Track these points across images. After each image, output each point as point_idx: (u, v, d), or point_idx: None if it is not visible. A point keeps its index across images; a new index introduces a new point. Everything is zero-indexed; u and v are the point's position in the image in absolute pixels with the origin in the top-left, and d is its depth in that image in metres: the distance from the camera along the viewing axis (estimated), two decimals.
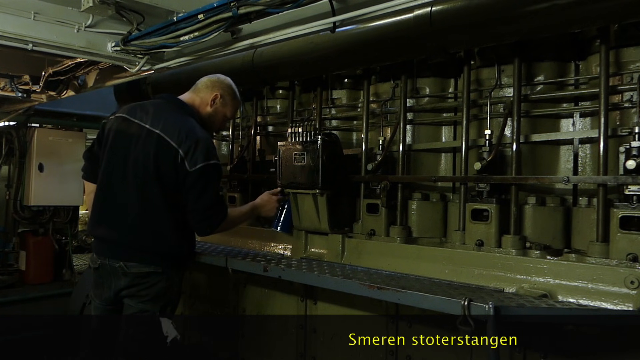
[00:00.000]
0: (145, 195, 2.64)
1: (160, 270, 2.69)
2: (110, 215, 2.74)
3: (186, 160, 2.58)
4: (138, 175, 2.65)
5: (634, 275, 2.08)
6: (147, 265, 2.67)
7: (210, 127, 2.93)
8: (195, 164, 2.58)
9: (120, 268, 2.67)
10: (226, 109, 2.92)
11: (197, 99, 2.86)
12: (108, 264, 2.71)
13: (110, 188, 2.73)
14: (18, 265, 5.90)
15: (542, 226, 2.58)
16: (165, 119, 2.68)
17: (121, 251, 2.69)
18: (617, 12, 2.15)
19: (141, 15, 2.93)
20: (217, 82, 2.90)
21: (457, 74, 3.07)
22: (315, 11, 2.47)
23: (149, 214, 2.66)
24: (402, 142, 3.00)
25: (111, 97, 4.83)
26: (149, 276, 2.68)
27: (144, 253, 2.68)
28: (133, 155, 2.66)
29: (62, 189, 5.87)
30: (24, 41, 2.93)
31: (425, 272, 2.64)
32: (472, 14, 2.42)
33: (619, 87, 2.45)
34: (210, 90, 2.87)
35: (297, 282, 2.93)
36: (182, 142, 2.60)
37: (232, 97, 2.93)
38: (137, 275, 2.68)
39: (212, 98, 2.85)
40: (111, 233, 2.72)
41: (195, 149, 2.59)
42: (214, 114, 2.89)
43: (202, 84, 2.90)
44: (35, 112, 5.58)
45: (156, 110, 2.75)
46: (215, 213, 2.73)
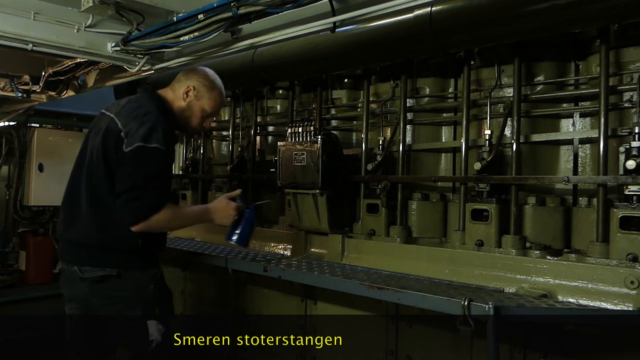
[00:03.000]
0: (92, 184, 2.40)
1: (114, 273, 2.37)
2: (69, 215, 2.50)
3: (125, 140, 2.32)
4: (91, 164, 2.42)
5: (634, 275, 2.08)
6: (102, 269, 2.36)
7: (187, 123, 2.61)
8: (131, 144, 2.30)
9: (75, 273, 2.40)
10: (203, 102, 2.58)
11: (170, 92, 2.59)
12: (66, 268, 2.46)
13: (73, 184, 2.53)
14: (18, 265, 5.90)
15: (542, 226, 2.58)
16: (125, 106, 2.47)
17: (75, 253, 2.43)
18: (617, 12, 2.15)
19: (141, 15, 2.92)
20: (192, 74, 2.61)
21: (457, 74, 3.07)
22: (315, 11, 2.47)
23: (98, 208, 2.38)
24: (402, 142, 3.00)
25: (111, 97, 4.82)
26: (105, 281, 2.37)
27: (96, 253, 2.38)
28: (91, 144, 2.46)
29: (62, 189, 5.85)
30: (24, 41, 2.93)
31: (425, 272, 2.64)
32: (472, 14, 2.42)
33: (619, 87, 2.45)
34: (183, 83, 2.58)
35: (297, 282, 2.93)
36: (128, 122, 2.36)
37: (208, 88, 2.59)
38: (93, 281, 2.38)
39: (184, 91, 2.56)
40: (69, 234, 2.47)
41: (137, 130, 2.32)
42: (188, 109, 2.57)
43: (176, 78, 2.64)
44: (35, 112, 5.59)
45: (127, 100, 2.55)
46: (141, 197, 2.30)
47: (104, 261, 2.38)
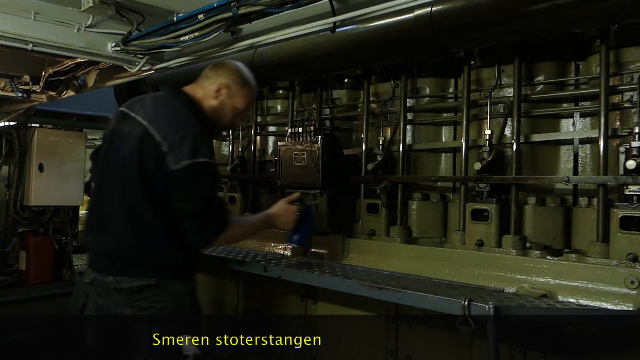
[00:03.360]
0: (132, 198, 2.28)
1: (154, 282, 2.28)
2: (101, 223, 2.39)
3: (169, 156, 2.19)
4: (125, 176, 2.30)
5: (634, 275, 2.08)
6: (140, 278, 2.28)
7: (218, 123, 2.50)
8: (179, 162, 2.18)
9: (111, 284, 2.29)
10: (235, 100, 2.46)
11: (200, 90, 2.45)
12: (100, 279, 2.34)
13: (101, 191, 2.42)
14: (18, 265, 5.89)
15: (542, 226, 2.58)
16: (155, 111, 2.34)
17: (111, 264, 2.32)
18: (617, 12, 2.15)
19: (141, 15, 2.92)
20: (222, 69, 2.47)
21: (457, 74, 3.07)
22: (315, 11, 2.47)
23: (136, 219, 2.28)
24: (402, 142, 3.00)
25: (111, 97, 4.83)
26: (143, 291, 2.28)
27: (134, 264, 2.30)
28: (122, 153, 2.32)
29: (62, 189, 5.86)
30: (24, 41, 2.93)
31: (425, 272, 2.64)
32: (472, 14, 2.42)
33: (619, 87, 2.45)
34: (213, 80, 2.44)
35: (297, 282, 2.93)
36: (167, 135, 2.21)
37: (241, 85, 2.47)
38: (130, 292, 2.28)
39: (215, 89, 2.42)
40: (101, 243, 2.38)
41: (181, 144, 2.19)
42: (220, 108, 2.45)
43: (204, 74, 2.50)
44: (35, 112, 5.59)
45: (153, 101, 2.43)
46: (211, 219, 2.30)
47: (142, 272, 2.28)
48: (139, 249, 2.29)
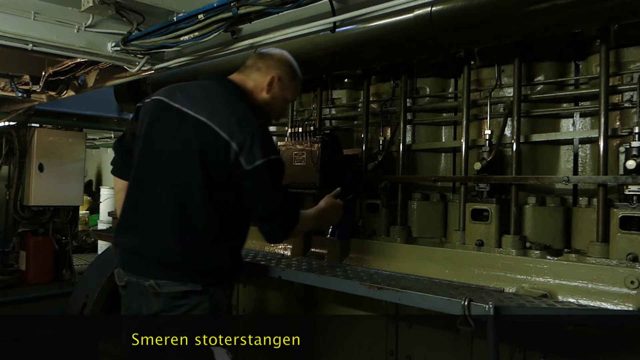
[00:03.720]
0: (185, 198, 2.15)
1: (199, 288, 2.16)
2: (140, 222, 2.24)
3: (241, 156, 2.09)
4: (177, 174, 2.16)
5: (634, 275, 2.07)
6: (184, 283, 2.15)
7: (268, 114, 2.44)
8: (253, 161, 2.09)
9: (151, 287, 2.15)
10: (286, 92, 2.40)
11: (250, 82, 2.34)
12: (136, 281, 2.21)
13: (141, 188, 2.24)
14: (18, 265, 5.90)
15: (542, 226, 2.58)
16: (212, 105, 2.20)
17: (151, 267, 2.18)
18: (617, 12, 2.14)
19: (141, 15, 2.92)
20: (272, 61, 2.37)
21: (457, 74, 3.07)
22: (315, 11, 2.47)
23: (188, 220, 2.16)
24: (402, 142, 3.00)
25: (111, 97, 4.84)
26: (186, 297, 2.15)
27: (179, 269, 2.16)
28: (171, 148, 2.18)
29: (62, 189, 5.88)
30: (24, 41, 2.93)
31: (425, 272, 2.64)
32: (472, 14, 2.42)
33: (619, 87, 2.45)
34: (264, 72, 2.34)
35: (297, 282, 2.93)
36: (235, 133, 2.10)
37: (291, 76, 2.40)
38: (171, 296, 2.15)
39: (268, 82, 2.33)
40: (140, 244, 2.22)
41: (253, 143, 2.09)
42: (272, 100, 2.36)
43: (252, 64, 2.38)
44: (35, 112, 5.60)
45: (201, 93, 2.27)
46: (288, 216, 2.28)
47: (186, 277, 2.16)
48: (186, 253, 2.17)
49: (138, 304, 2.23)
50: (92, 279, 4.67)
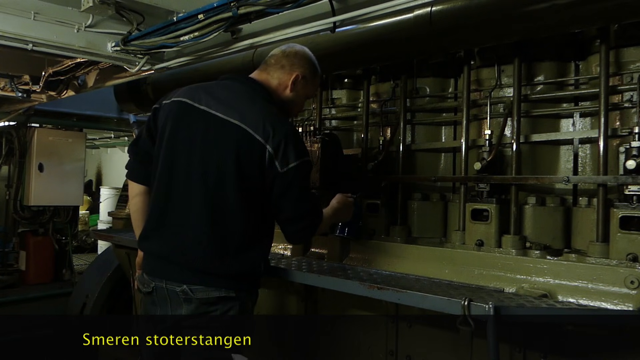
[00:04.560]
0: (219, 201, 2.11)
1: (233, 294, 2.13)
2: (169, 227, 2.18)
3: (277, 159, 2.08)
4: (209, 177, 2.11)
5: (634, 275, 2.08)
6: (218, 289, 2.11)
7: (290, 112, 2.44)
8: (287, 164, 2.09)
9: (183, 293, 2.11)
10: (307, 89, 2.40)
11: (274, 80, 2.31)
12: (165, 287, 2.15)
13: (169, 192, 2.18)
14: (18, 265, 5.91)
15: (542, 226, 2.58)
16: (241, 107, 2.16)
17: (185, 272, 2.13)
18: (617, 12, 2.15)
19: (141, 15, 2.92)
20: (295, 59, 2.33)
21: (457, 74, 3.07)
22: (315, 11, 2.47)
23: (222, 224, 2.12)
24: (402, 142, 3.00)
25: (111, 97, 4.84)
26: (219, 302, 2.12)
27: (213, 274, 2.13)
28: (202, 151, 2.13)
29: (62, 189, 5.88)
30: (24, 41, 2.93)
31: (425, 272, 2.64)
32: (472, 14, 2.42)
33: (619, 87, 2.45)
34: (288, 70, 2.31)
35: (297, 282, 2.93)
36: (269, 136, 2.08)
37: (314, 74, 2.40)
38: (204, 302, 2.11)
39: (292, 80, 2.30)
40: (170, 249, 2.16)
41: (287, 145, 2.09)
42: (295, 99, 2.35)
43: (275, 61, 2.33)
44: (35, 112, 5.61)
45: (226, 94, 2.21)
46: (314, 219, 2.29)
47: (222, 282, 2.13)
48: (221, 257, 2.13)
49: (164, 309, 2.18)
50: (92, 279, 4.68)
